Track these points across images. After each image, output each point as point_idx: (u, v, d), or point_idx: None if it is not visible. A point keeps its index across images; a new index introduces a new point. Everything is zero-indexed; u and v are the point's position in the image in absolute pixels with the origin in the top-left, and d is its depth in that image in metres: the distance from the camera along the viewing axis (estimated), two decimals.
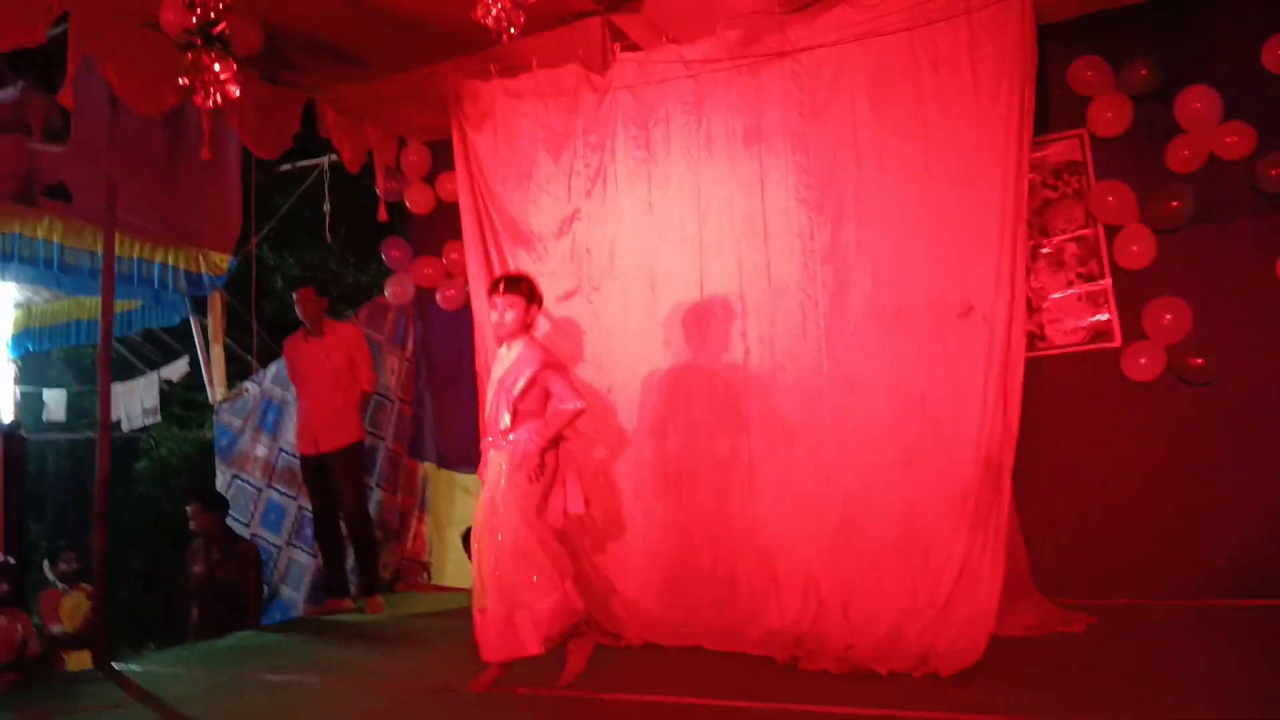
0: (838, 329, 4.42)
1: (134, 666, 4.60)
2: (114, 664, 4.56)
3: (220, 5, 4.02)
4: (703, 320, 4.68)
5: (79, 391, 9.22)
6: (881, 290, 4.36)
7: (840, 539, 4.24)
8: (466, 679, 3.78)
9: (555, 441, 3.86)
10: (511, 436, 3.81)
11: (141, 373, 7.94)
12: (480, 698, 3.68)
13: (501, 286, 3.94)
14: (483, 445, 4.03)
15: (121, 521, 8.81)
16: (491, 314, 4.00)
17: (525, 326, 3.95)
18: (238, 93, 4.09)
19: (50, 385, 8.63)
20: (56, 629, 5.57)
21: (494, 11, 3.59)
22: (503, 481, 3.79)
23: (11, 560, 5.17)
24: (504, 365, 3.93)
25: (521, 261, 5.06)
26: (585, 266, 4.95)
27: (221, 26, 4.01)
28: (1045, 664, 3.73)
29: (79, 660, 5.25)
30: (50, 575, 5.95)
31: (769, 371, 4.54)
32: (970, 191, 4.24)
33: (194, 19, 3.97)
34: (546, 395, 3.86)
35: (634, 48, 5.03)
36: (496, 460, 3.86)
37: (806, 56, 4.57)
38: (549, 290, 4.98)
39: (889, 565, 4.11)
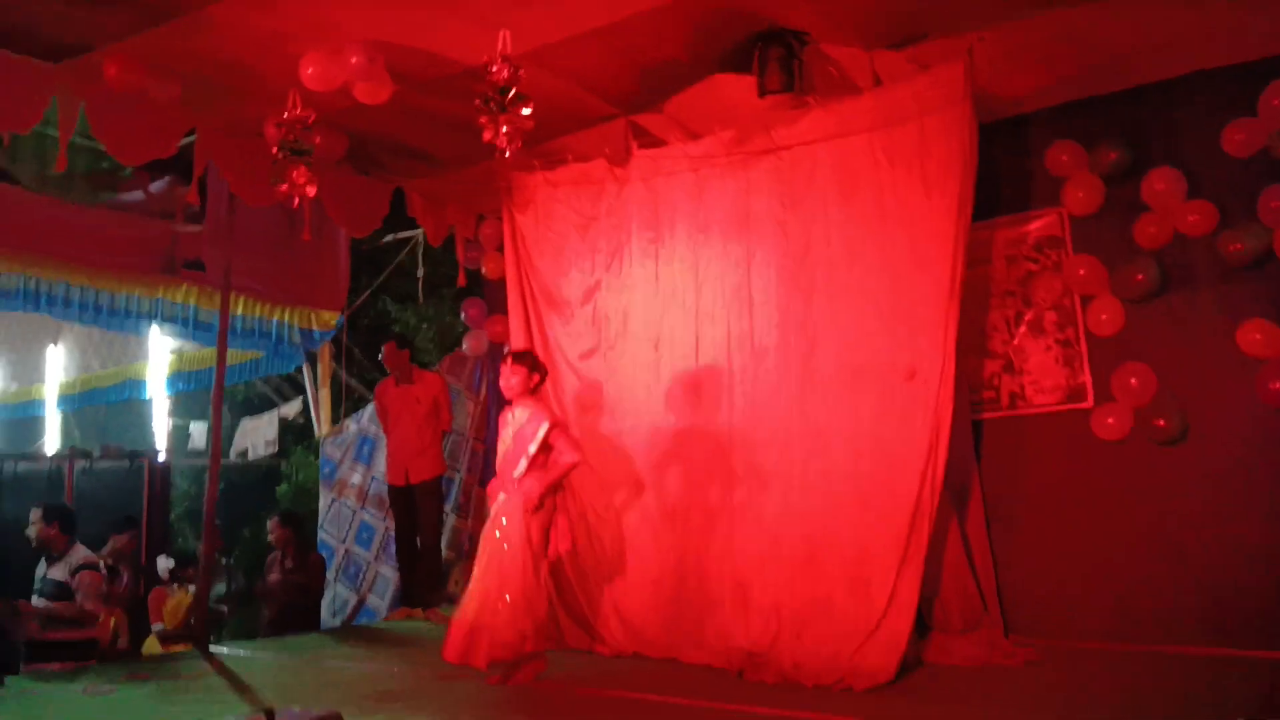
0: (808, 389, 5.10)
1: (224, 650, 5.70)
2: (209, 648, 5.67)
3: (302, 125, 5.11)
4: (698, 381, 5.44)
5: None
6: (845, 355, 5.03)
7: (803, 573, 4.89)
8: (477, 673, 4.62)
9: (555, 488, 4.69)
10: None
11: (267, 410, 9.26)
12: (482, 686, 4.50)
13: (510, 358, 4.82)
14: (491, 487, 4.87)
15: (264, 537, 10.09)
16: (501, 381, 4.87)
17: (528, 390, 4.77)
18: (314, 193, 5.15)
19: (196, 418, 10.09)
20: (156, 627, 6.65)
21: (498, 135, 4.50)
22: (504, 519, 4.60)
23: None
24: (519, 423, 4.74)
25: (553, 324, 5.96)
26: (603, 329, 5.79)
27: (303, 141, 5.09)
28: (955, 687, 4.28)
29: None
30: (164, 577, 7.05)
31: (751, 425, 5.25)
32: (919, 271, 4.86)
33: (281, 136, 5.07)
34: (549, 449, 4.68)
35: (656, 142, 5.86)
36: (506, 501, 4.67)
37: (788, 153, 5.31)
38: (575, 348, 5.91)
39: (840, 597, 4.73)
